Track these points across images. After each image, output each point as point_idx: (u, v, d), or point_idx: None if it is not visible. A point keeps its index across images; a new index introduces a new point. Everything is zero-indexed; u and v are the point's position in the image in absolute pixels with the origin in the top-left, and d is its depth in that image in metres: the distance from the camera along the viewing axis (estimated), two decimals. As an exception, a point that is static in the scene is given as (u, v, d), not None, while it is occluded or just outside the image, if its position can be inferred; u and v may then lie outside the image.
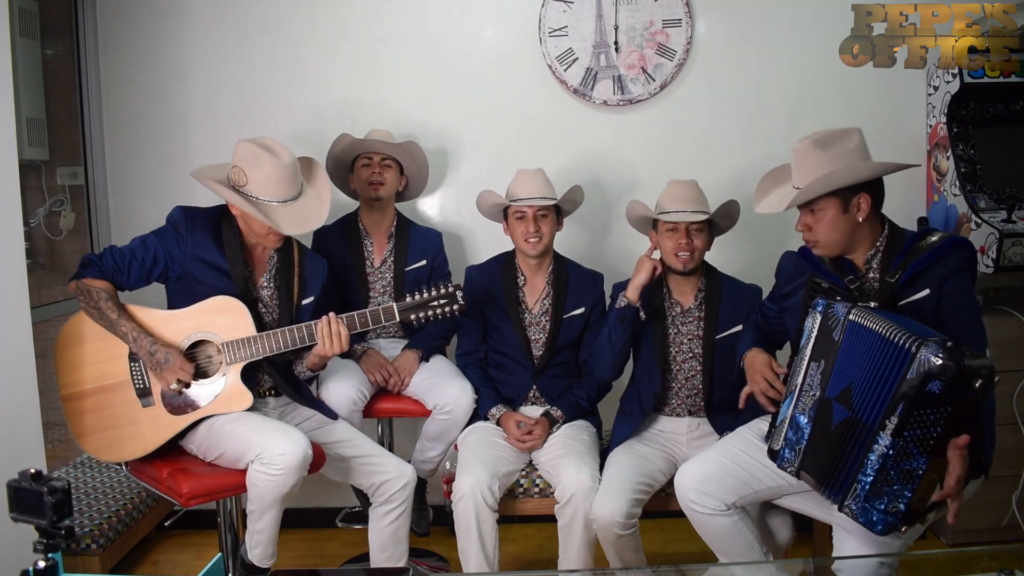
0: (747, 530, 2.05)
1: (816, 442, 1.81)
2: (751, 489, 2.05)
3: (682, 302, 2.44)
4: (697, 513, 2.04)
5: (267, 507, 2.05)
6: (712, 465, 2.07)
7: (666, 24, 3.01)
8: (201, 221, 2.24)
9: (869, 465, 1.65)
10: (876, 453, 1.64)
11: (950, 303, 1.87)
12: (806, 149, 1.94)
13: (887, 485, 1.64)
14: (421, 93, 3.08)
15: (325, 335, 2.18)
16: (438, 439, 2.60)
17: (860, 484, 1.67)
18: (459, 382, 2.56)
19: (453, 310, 2.25)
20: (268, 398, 2.34)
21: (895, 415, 1.60)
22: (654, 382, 2.41)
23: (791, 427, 1.88)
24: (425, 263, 2.78)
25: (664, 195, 2.42)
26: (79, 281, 2.16)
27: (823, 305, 1.86)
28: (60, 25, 3.04)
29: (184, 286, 2.22)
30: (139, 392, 2.17)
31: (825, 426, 1.79)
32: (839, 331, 1.79)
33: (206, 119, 3.08)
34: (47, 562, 1.20)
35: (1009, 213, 2.70)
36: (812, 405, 1.83)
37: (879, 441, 1.63)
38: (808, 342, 1.88)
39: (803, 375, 1.87)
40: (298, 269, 2.35)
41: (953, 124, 2.85)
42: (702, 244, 2.36)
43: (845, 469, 1.72)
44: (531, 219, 2.48)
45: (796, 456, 1.86)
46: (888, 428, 1.62)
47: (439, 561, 2.86)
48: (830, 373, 1.80)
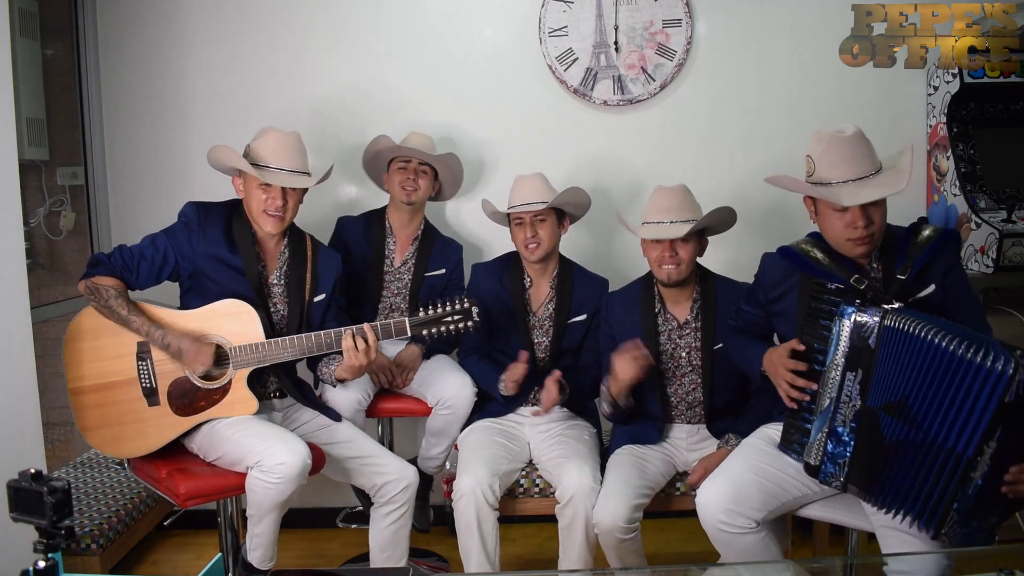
0: (773, 544, 1.95)
1: (864, 455, 1.75)
2: (779, 502, 1.94)
3: (677, 316, 2.37)
4: (727, 534, 1.90)
5: (266, 512, 2.05)
6: (739, 481, 1.93)
7: (666, 24, 3.01)
8: (215, 217, 2.24)
9: (970, 493, 1.61)
10: (976, 480, 1.59)
11: (955, 297, 1.87)
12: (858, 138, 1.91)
13: (985, 506, 1.61)
14: (421, 93, 3.08)
15: (350, 348, 2.15)
16: (441, 434, 2.60)
17: (959, 512, 1.63)
18: (459, 376, 2.56)
19: (467, 327, 2.20)
20: (274, 399, 2.34)
21: (993, 439, 1.56)
22: (654, 407, 2.38)
23: (831, 440, 1.80)
24: (444, 272, 2.78)
25: (649, 203, 2.34)
26: (88, 280, 2.15)
27: (851, 312, 1.77)
28: (60, 25, 3.04)
29: (197, 284, 2.23)
30: (145, 392, 2.17)
31: (873, 438, 1.73)
32: (874, 338, 1.73)
33: (206, 119, 3.08)
34: (47, 562, 1.20)
35: (1009, 213, 2.70)
36: (852, 416, 1.77)
37: (977, 467, 1.58)
38: (837, 350, 1.79)
39: (838, 386, 1.79)
40: (311, 265, 2.35)
41: (953, 124, 2.85)
42: (688, 255, 2.26)
43: (935, 494, 1.64)
44: (528, 224, 2.48)
45: (841, 470, 1.79)
46: (987, 453, 1.57)
47: (439, 561, 2.86)
48: (869, 382, 1.74)
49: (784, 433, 1.94)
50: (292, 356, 2.19)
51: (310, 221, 2.61)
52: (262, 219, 2.23)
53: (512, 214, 2.51)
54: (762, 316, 2.15)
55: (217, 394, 2.17)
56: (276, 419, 2.30)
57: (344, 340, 2.15)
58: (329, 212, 2.96)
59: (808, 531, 2.53)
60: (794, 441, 1.91)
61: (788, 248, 2.03)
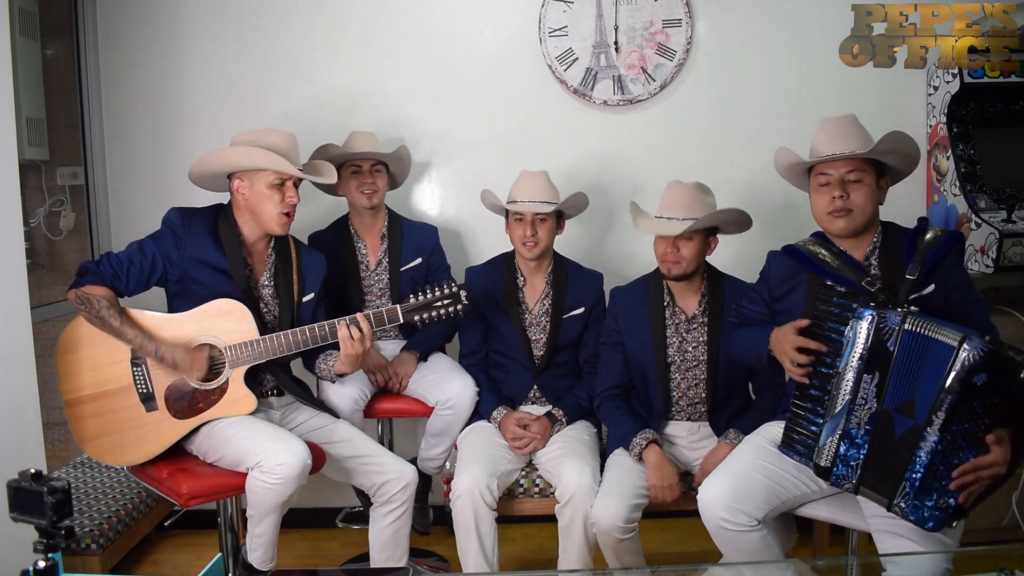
0: (774, 543, 1.96)
1: (877, 457, 1.75)
2: (780, 500, 1.95)
3: (686, 310, 2.38)
4: (728, 532, 1.91)
5: (266, 513, 2.05)
6: (741, 479, 1.95)
7: (666, 24, 3.01)
8: (199, 221, 2.23)
9: (918, 462, 1.64)
10: (924, 450, 1.63)
11: (959, 297, 1.88)
12: (850, 119, 1.96)
13: (936, 481, 1.63)
14: (421, 93, 3.08)
15: (345, 337, 2.17)
16: (442, 435, 2.60)
17: (909, 482, 1.66)
18: (460, 376, 2.56)
19: (457, 310, 2.22)
20: (271, 398, 2.34)
21: (942, 410, 1.60)
22: (656, 400, 2.39)
23: (844, 442, 1.80)
24: (420, 261, 2.77)
25: (662, 196, 2.36)
26: (78, 290, 2.13)
27: (871, 315, 1.76)
28: (60, 25, 3.04)
29: (184, 288, 2.21)
30: (142, 397, 2.16)
31: (887, 440, 1.74)
32: (893, 341, 1.73)
33: (206, 119, 3.08)
34: (47, 562, 1.20)
35: (1009, 213, 2.70)
36: (868, 419, 1.77)
37: (927, 438, 1.62)
38: (853, 353, 1.78)
39: (852, 389, 1.78)
40: (296, 266, 2.35)
41: (953, 124, 2.85)
42: (691, 253, 2.27)
43: (896, 470, 1.69)
44: (529, 223, 2.48)
45: (854, 472, 1.79)
46: (935, 424, 1.61)
47: (439, 561, 2.86)
48: (886, 384, 1.74)
49: (786, 434, 1.94)
50: (286, 351, 2.19)
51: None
52: (276, 221, 2.21)
53: (513, 210, 2.51)
54: (765, 314, 2.15)
55: (215, 394, 2.17)
56: (274, 418, 2.30)
57: (340, 330, 2.17)
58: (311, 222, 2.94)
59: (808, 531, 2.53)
60: (796, 442, 1.90)
61: (795, 247, 2.05)
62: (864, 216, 1.94)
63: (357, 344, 2.17)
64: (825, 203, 1.96)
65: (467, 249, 3.12)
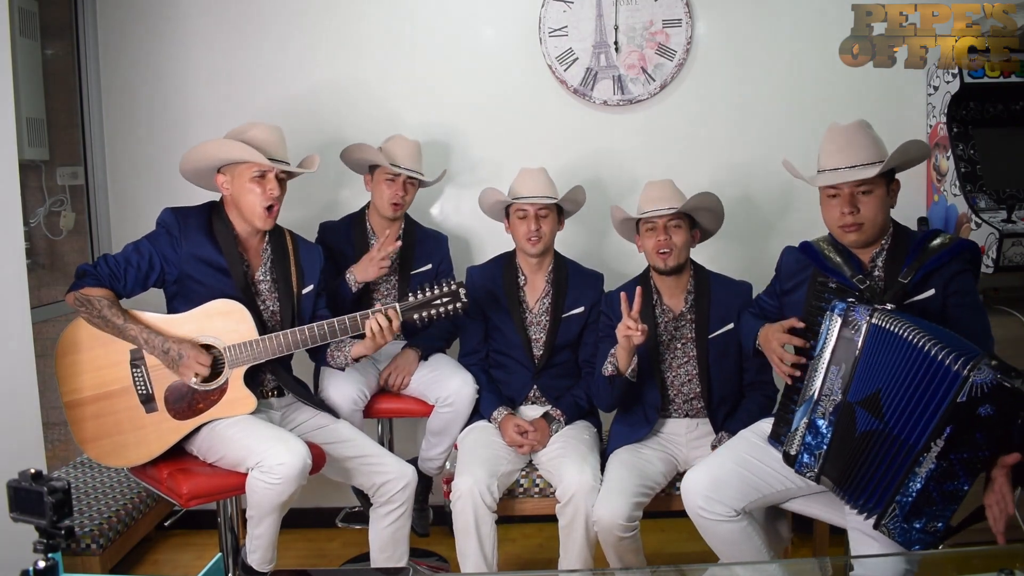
0: (755, 535, 2.02)
1: (838, 447, 1.79)
2: (760, 493, 2.01)
3: (673, 307, 2.42)
4: (706, 520, 1.99)
5: (266, 513, 2.05)
6: (720, 470, 2.02)
7: (666, 24, 3.01)
8: (194, 220, 2.23)
9: (911, 487, 1.63)
10: (920, 476, 1.62)
11: (956, 303, 1.89)
12: (858, 128, 1.95)
13: (928, 506, 1.63)
14: (421, 92, 3.08)
15: (375, 329, 2.19)
16: (442, 433, 2.60)
17: (900, 505, 1.65)
18: (460, 374, 2.56)
19: (456, 308, 2.23)
20: (271, 398, 2.34)
21: (941, 438, 1.58)
22: (652, 395, 2.40)
23: (810, 432, 1.85)
24: (430, 267, 2.77)
25: (641, 197, 2.43)
26: (77, 292, 2.13)
27: (842, 308, 1.82)
28: (60, 25, 3.04)
29: (183, 288, 2.21)
30: (142, 398, 2.16)
31: (848, 431, 1.77)
32: (860, 335, 1.76)
33: (206, 119, 3.07)
34: (47, 562, 1.20)
35: (1009, 213, 2.69)
36: (833, 410, 1.81)
37: (922, 463, 1.61)
38: (826, 345, 1.84)
39: (822, 379, 1.84)
40: (294, 258, 2.35)
41: (953, 124, 2.85)
42: (681, 240, 2.35)
43: (882, 485, 1.69)
44: (532, 218, 2.49)
45: (816, 461, 1.83)
46: (933, 450, 1.60)
47: (439, 561, 2.86)
48: (851, 378, 1.77)
49: (774, 425, 2.00)
50: (286, 351, 2.19)
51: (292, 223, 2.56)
52: (258, 215, 2.21)
53: (515, 206, 2.51)
54: (777, 307, 2.20)
55: (215, 395, 2.17)
56: (274, 418, 2.30)
57: (370, 322, 2.18)
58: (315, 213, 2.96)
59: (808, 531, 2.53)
60: (780, 433, 1.96)
61: (808, 243, 2.09)
62: (875, 228, 1.95)
63: (387, 333, 2.20)
64: (836, 216, 1.96)
65: (466, 248, 3.11)
